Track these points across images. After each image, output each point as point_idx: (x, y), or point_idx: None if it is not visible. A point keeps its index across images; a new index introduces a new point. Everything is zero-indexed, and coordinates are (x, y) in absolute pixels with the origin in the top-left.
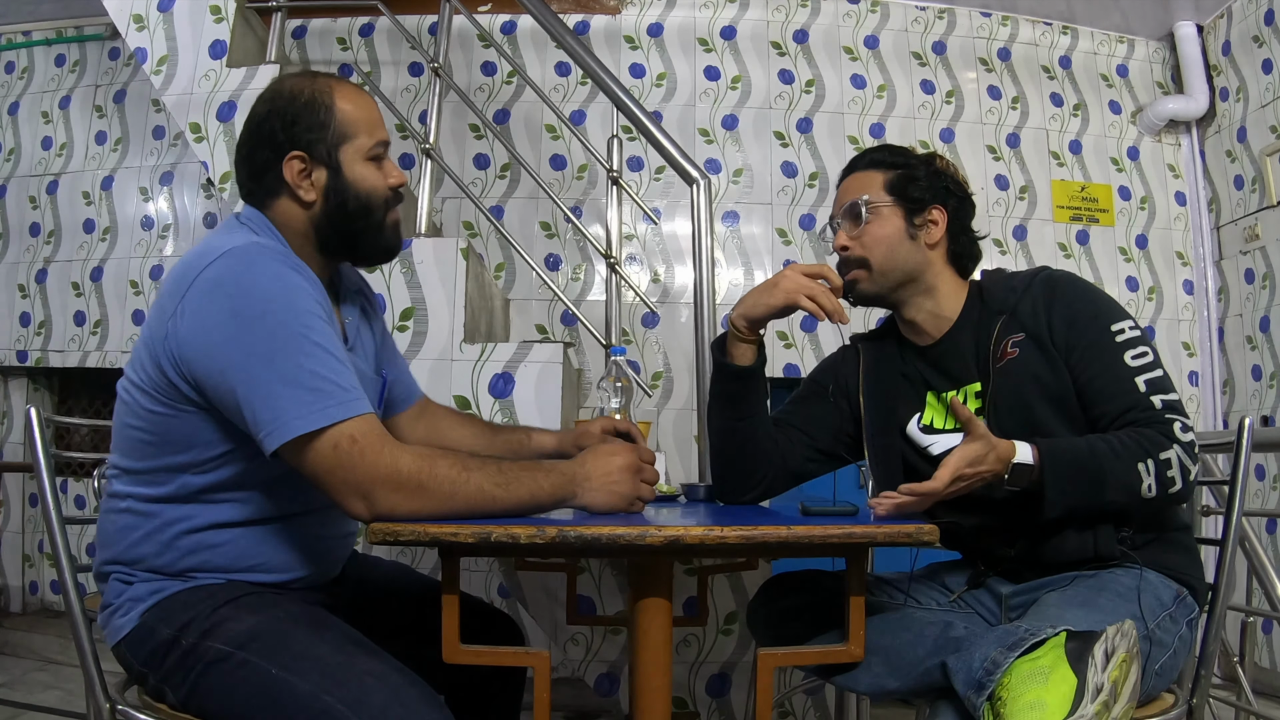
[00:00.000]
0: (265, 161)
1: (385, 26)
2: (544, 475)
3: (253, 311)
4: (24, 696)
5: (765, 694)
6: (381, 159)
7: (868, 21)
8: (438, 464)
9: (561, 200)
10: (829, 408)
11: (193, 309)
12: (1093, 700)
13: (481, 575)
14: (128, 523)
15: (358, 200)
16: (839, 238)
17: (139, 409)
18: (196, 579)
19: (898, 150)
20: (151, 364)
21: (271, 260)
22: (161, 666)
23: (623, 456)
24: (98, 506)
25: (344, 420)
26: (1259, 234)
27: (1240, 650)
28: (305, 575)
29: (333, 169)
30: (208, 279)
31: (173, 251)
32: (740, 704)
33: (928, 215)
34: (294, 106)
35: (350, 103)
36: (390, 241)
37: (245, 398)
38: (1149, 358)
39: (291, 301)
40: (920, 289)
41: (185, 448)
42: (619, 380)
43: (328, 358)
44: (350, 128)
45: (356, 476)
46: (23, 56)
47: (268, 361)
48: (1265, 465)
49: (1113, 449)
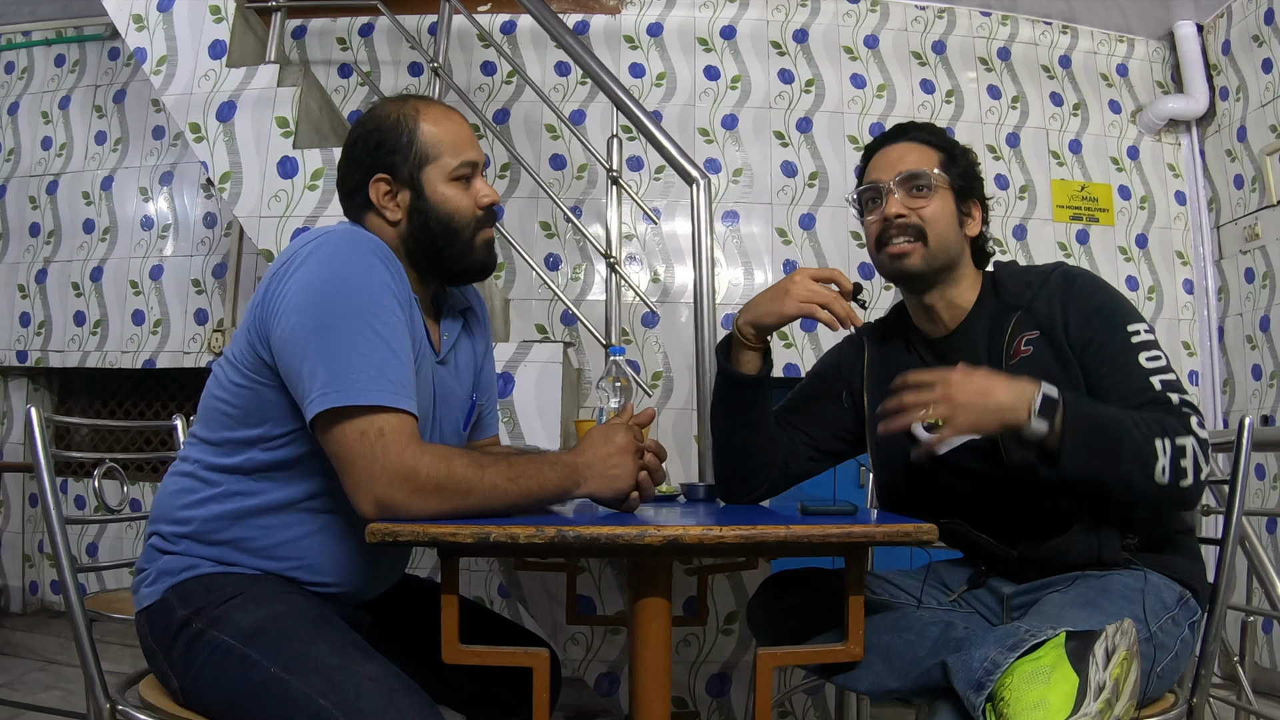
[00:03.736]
0: (356, 183)
1: (385, 26)
2: (549, 467)
3: (329, 289)
4: (24, 696)
5: (765, 694)
6: (470, 179)
7: (868, 21)
8: (455, 463)
9: (561, 200)
10: (832, 404)
11: (289, 282)
12: (1095, 698)
13: (481, 575)
14: (187, 485)
15: (440, 221)
16: (892, 203)
17: (225, 381)
18: (231, 561)
19: (940, 132)
20: (243, 338)
21: (365, 250)
22: (170, 648)
23: (620, 437)
24: (98, 506)
25: (379, 409)
26: (1259, 233)
27: (1240, 650)
28: (344, 583)
29: (416, 190)
30: (308, 256)
31: (172, 251)
32: (740, 704)
33: (969, 207)
34: (380, 130)
35: (434, 124)
36: (480, 260)
37: (300, 366)
38: (1163, 362)
39: (367, 287)
40: (950, 277)
41: (259, 422)
42: (619, 380)
43: (384, 348)
44: (433, 149)
45: (375, 470)
46: (23, 56)
47: (328, 335)
48: (1265, 465)
49: (1134, 420)
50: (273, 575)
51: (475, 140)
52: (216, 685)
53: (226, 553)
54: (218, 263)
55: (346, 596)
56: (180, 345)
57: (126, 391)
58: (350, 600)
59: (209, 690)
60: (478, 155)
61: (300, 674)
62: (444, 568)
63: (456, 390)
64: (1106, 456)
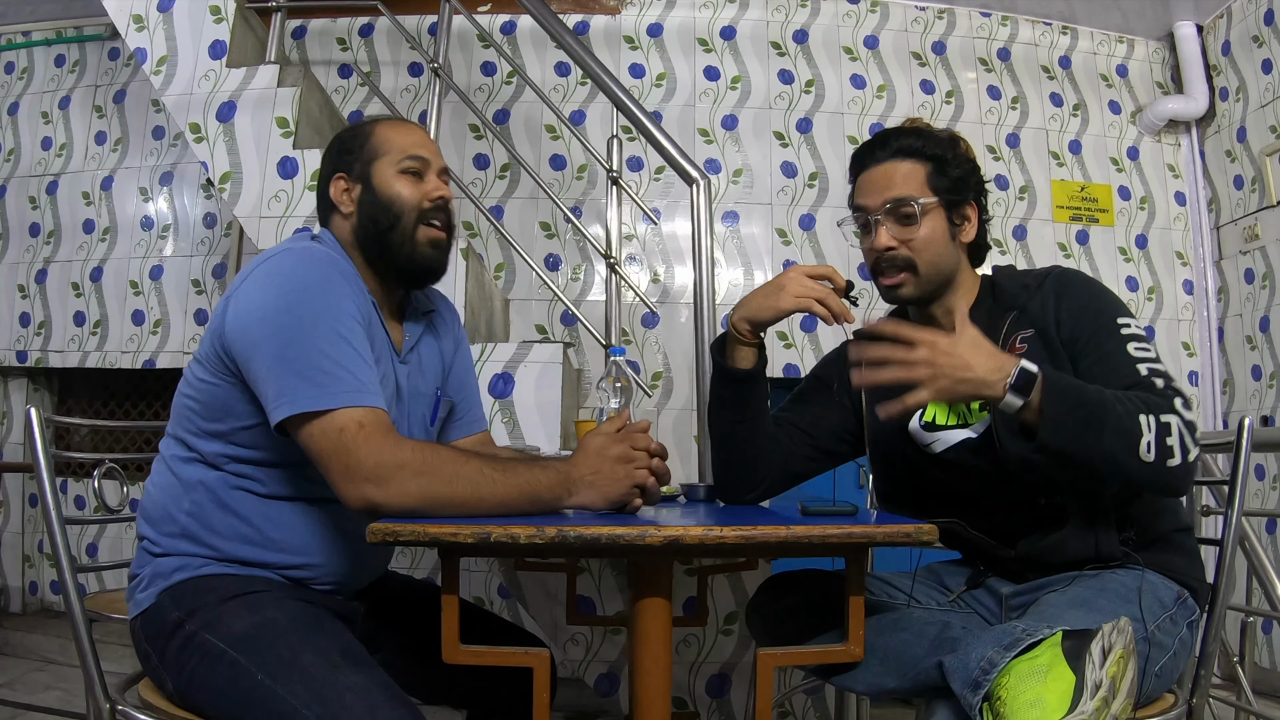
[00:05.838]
0: (323, 188)
1: (385, 26)
2: (541, 470)
3: (289, 299)
4: (24, 696)
5: (765, 694)
6: (422, 174)
7: (867, 21)
8: (438, 451)
9: (561, 200)
10: (830, 405)
11: (245, 293)
12: (1091, 697)
13: (481, 575)
14: (164, 483)
15: (382, 208)
16: (881, 236)
17: (193, 379)
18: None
19: (926, 135)
20: (208, 340)
21: (321, 261)
22: (164, 650)
23: (614, 449)
24: (98, 506)
25: (351, 407)
26: (1259, 234)
27: (1240, 650)
28: (327, 567)
29: (365, 183)
30: (263, 269)
31: (172, 252)
32: (740, 704)
33: (964, 213)
34: (343, 139)
35: (389, 128)
36: (424, 255)
37: (265, 373)
38: (1151, 353)
39: (326, 295)
40: (949, 287)
41: (223, 415)
42: (619, 380)
43: (348, 349)
44: (383, 146)
45: (358, 460)
46: (23, 57)
47: (291, 343)
48: (1265, 465)
49: (1116, 396)
50: (265, 577)
51: (431, 146)
52: (207, 689)
53: (212, 543)
54: (218, 263)
55: (334, 586)
56: (180, 345)
57: (126, 391)
58: (339, 590)
59: (201, 693)
60: (430, 155)
61: (286, 683)
62: (444, 567)
63: (420, 387)
64: (1087, 429)
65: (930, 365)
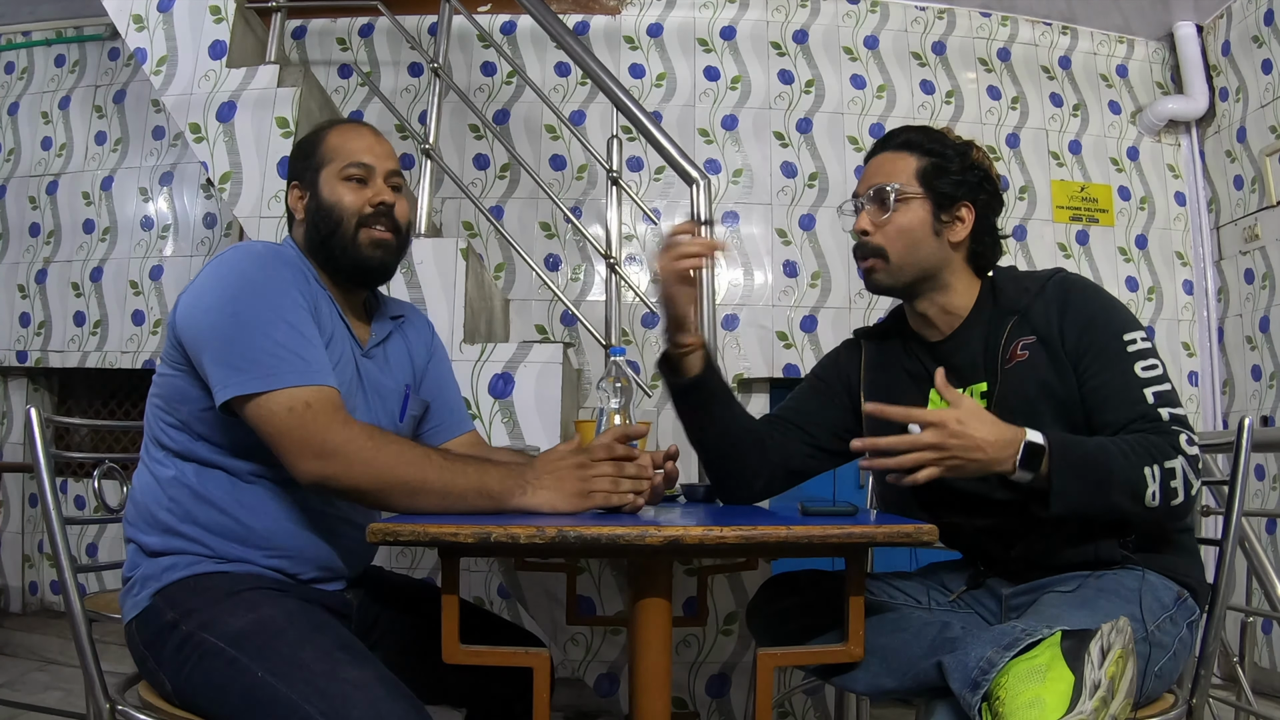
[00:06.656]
0: (285, 198)
1: (385, 27)
2: (494, 466)
3: (234, 289)
4: (24, 696)
5: (765, 694)
6: (364, 181)
7: (867, 22)
8: (388, 435)
9: (561, 200)
10: (830, 404)
11: (194, 287)
12: (1090, 696)
13: (481, 575)
14: (143, 482)
15: (324, 213)
16: (860, 219)
17: (158, 377)
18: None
19: (935, 135)
20: (170, 335)
21: (270, 256)
22: (161, 651)
23: (574, 458)
24: (98, 506)
25: (297, 386)
26: (1259, 234)
27: (1240, 650)
28: (309, 551)
29: (313, 192)
30: (212, 264)
31: (172, 252)
32: (740, 704)
33: (955, 211)
34: (300, 145)
35: (340, 135)
36: (367, 257)
37: (212, 359)
38: (1158, 370)
39: (270, 283)
40: (935, 285)
41: (180, 403)
42: (619, 380)
43: (293, 333)
44: (329, 154)
45: (305, 436)
46: (22, 57)
47: (239, 328)
48: (1265, 465)
49: (1121, 450)
50: (255, 574)
51: (378, 149)
52: (206, 687)
53: (196, 536)
54: None
55: (322, 573)
56: None
57: (126, 391)
58: (327, 579)
59: (201, 692)
60: (375, 160)
61: (287, 679)
62: (444, 567)
63: (386, 382)
64: (1096, 491)
65: (940, 449)
